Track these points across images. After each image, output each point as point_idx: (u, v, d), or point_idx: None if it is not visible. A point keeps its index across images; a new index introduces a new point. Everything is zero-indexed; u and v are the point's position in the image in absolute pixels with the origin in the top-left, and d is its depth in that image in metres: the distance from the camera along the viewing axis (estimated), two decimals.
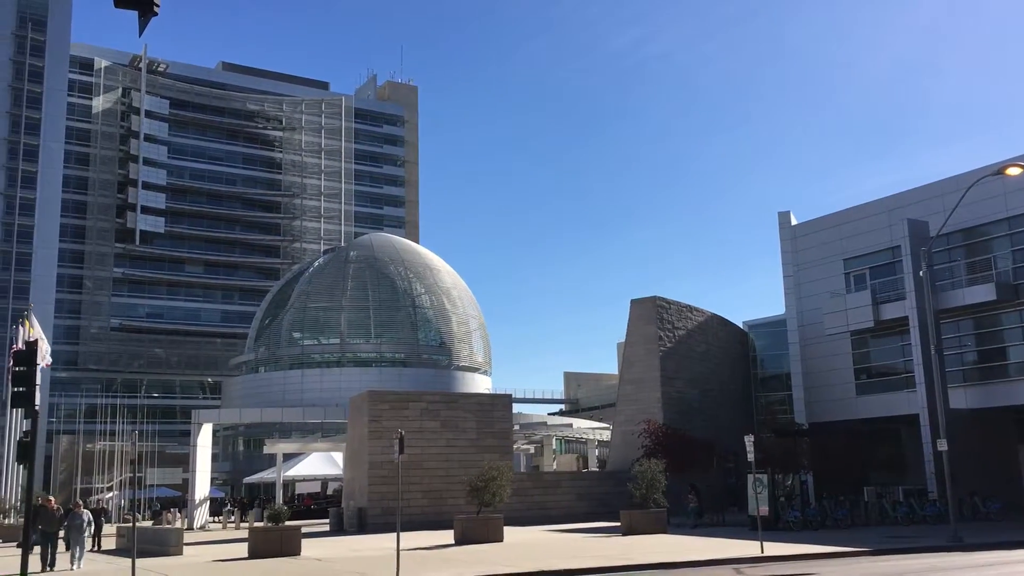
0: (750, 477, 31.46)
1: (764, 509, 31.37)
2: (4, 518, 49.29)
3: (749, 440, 26.96)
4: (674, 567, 22.57)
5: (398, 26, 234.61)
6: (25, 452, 20.79)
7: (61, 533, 26.69)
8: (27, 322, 37.59)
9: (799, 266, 53.24)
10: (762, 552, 24.43)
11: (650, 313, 49.38)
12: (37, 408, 21.27)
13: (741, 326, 62.04)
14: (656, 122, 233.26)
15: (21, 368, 20.52)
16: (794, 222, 54.80)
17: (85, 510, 26.60)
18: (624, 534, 32.99)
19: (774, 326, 59.30)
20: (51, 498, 26.96)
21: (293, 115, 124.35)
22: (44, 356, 32.68)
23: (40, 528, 25.15)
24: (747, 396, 59.59)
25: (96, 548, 32.95)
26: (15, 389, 20.70)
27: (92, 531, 26.81)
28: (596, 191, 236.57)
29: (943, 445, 31.11)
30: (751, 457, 26.89)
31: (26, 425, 21.56)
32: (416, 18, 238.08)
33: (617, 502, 38.93)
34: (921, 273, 35.38)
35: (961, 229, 43.71)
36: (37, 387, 20.82)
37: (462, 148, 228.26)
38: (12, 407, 25.03)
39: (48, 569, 24.75)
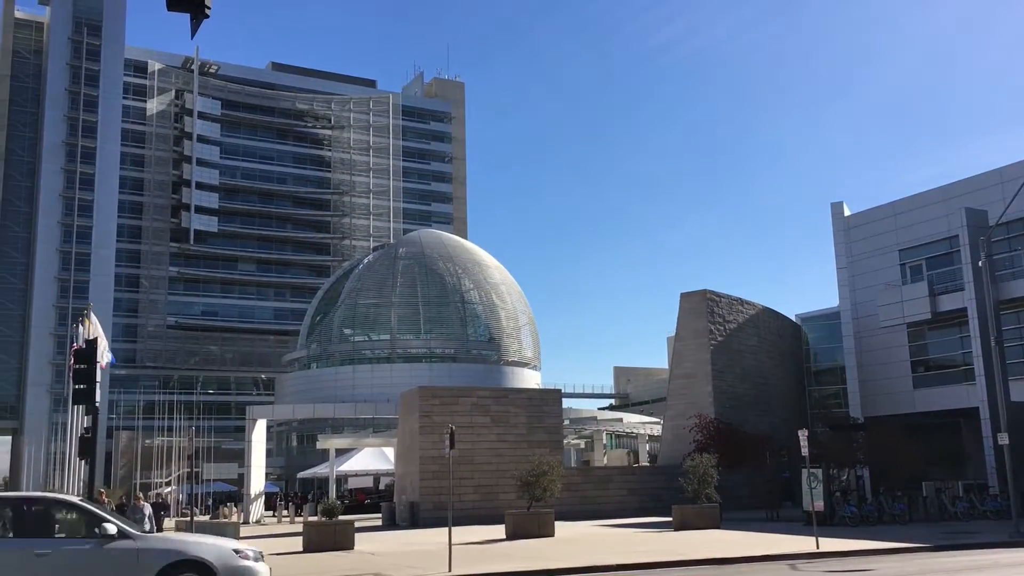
0: (804, 472, 31.02)
1: (819, 504, 30.90)
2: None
3: (803, 434, 26.55)
4: (727, 563, 22.36)
5: (445, 23, 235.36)
6: (86, 448, 21.30)
7: None
8: (87, 321, 38.54)
9: (853, 257, 52.33)
10: (817, 548, 24.08)
11: (700, 307, 48.92)
12: (97, 405, 21.79)
13: (793, 319, 61.19)
14: (705, 113, 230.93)
15: (82, 366, 21.03)
16: (847, 213, 53.87)
17: (145, 503, 26.25)
18: (676, 529, 32.77)
19: (827, 319, 58.40)
20: (102, 491, 26.51)
21: (342, 113, 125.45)
22: (103, 354, 33.35)
23: None
24: (800, 390, 58.79)
25: None
26: (76, 386, 21.23)
27: (152, 525, 26.05)
28: (645, 184, 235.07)
29: (1004, 439, 30.36)
30: (805, 452, 26.48)
31: (87, 421, 21.99)
32: (462, 14, 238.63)
33: (668, 497, 38.66)
34: (980, 263, 34.56)
35: (1021, 218, 42.57)
36: (97, 384, 21.30)
37: (509, 143, 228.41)
38: (73, 404, 25.73)
39: None
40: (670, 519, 34.40)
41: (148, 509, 25.55)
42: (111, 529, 13.01)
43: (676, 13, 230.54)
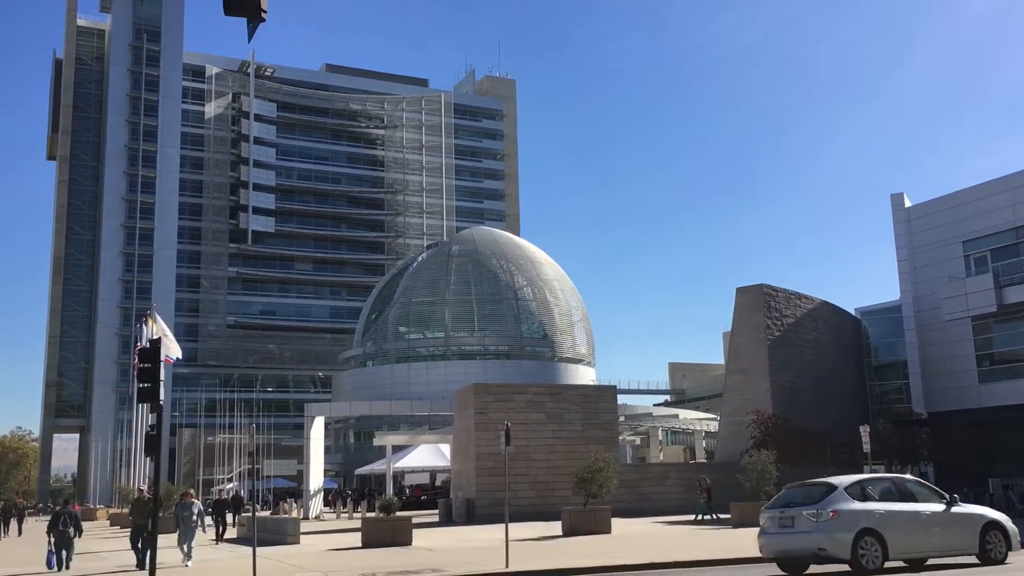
0: (867, 468, 30.45)
1: None
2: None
3: (864, 431, 26.13)
4: None
5: (495, 20, 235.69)
6: (152, 445, 21.70)
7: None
8: (150, 320, 39.44)
9: (914, 249, 51.18)
10: None
11: (757, 301, 48.23)
12: (161, 403, 22.22)
13: (853, 313, 60.06)
14: (760, 105, 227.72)
15: (146, 365, 21.43)
16: (908, 204, 52.68)
17: (195, 500, 25.16)
18: (735, 526, 32.37)
19: (888, 312, 57.20)
20: (143, 488, 25.90)
21: (394, 113, 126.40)
22: (168, 353, 34.00)
23: (132, 520, 24.29)
24: (860, 386, 57.68)
25: (220, 538, 33.04)
26: (141, 385, 21.65)
27: (203, 522, 24.40)
28: (699, 178, 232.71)
29: None
30: (867, 448, 26.06)
31: (152, 419, 22.44)
32: (513, 12, 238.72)
33: (727, 494, 38.22)
34: None
35: None
36: (161, 383, 21.72)
37: (561, 139, 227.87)
38: (138, 402, 26.30)
39: (139, 568, 22.73)
40: (729, 516, 34.02)
41: (198, 506, 24.63)
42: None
43: (727, 4, 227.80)
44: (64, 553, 23.41)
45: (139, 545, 23.14)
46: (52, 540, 23.23)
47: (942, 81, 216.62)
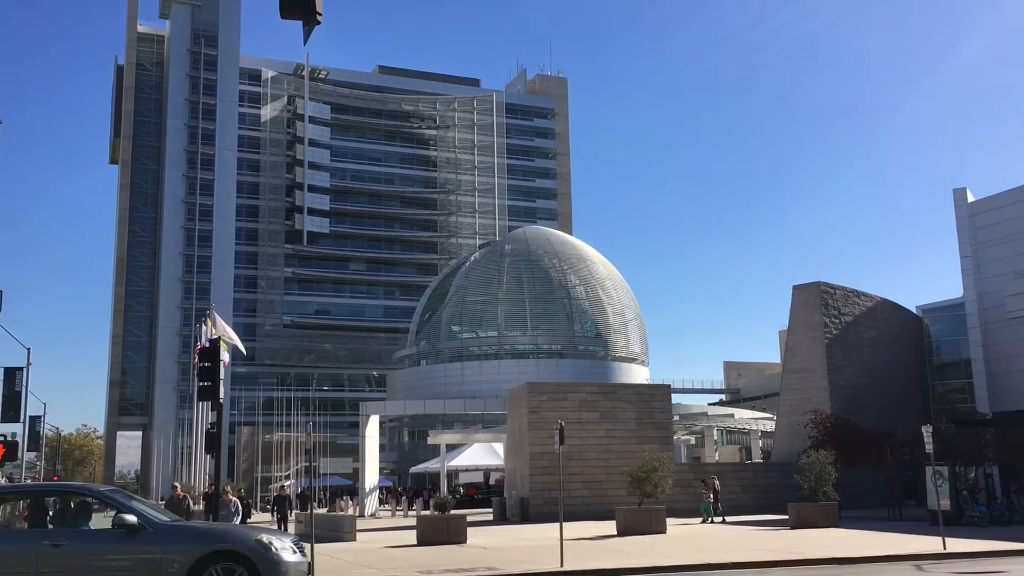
0: (929, 469, 29.78)
1: (945, 503, 29.59)
2: (194, 504, 52.76)
3: (927, 431, 25.48)
4: (849, 562, 21.66)
5: (547, 19, 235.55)
6: (212, 442, 22.20)
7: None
8: (210, 320, 40.17)
9: (978, 245, 49.93)
10: (944, 548, 23.07)
11: (814, 299, 47.52)
12: (221, 401, 22.68)
13: (914, 311, 58.82)
14: (813, 102, 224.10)
15: (206, 364, 21.92)
16: (971, 199, 51.41)
17: (234, 498, 24.60)
18: (792, 527, 31.94)
19: (950, 310, 55.90)
20: (176, 485, 24.77)
21: (446, 113, 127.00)
22: (231, 350, 34.46)
23: None
24: (922, 385, 56.44)
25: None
26: (201, 384, 22.15)
27: (240, 521, 23.90)
28: (753, 175, 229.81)
29: None
30: (929, 448, 25.41)
31: (212, 417, 22.91)
32: (564, 10, 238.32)
33: (783, 494, 37.72)
34: None
35: None
36: (221, 382, 22.17)
37: (613, 137, 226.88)
38: (199, 400, 26.78)
39: None
40: (786, 517, 33.57)
41: (236, 504, 24.23)
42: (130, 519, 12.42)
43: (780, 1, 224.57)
44: None
45: None
46: None
47: (1002, 71, 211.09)
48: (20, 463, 47.01)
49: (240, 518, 23.99)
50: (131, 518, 12.44)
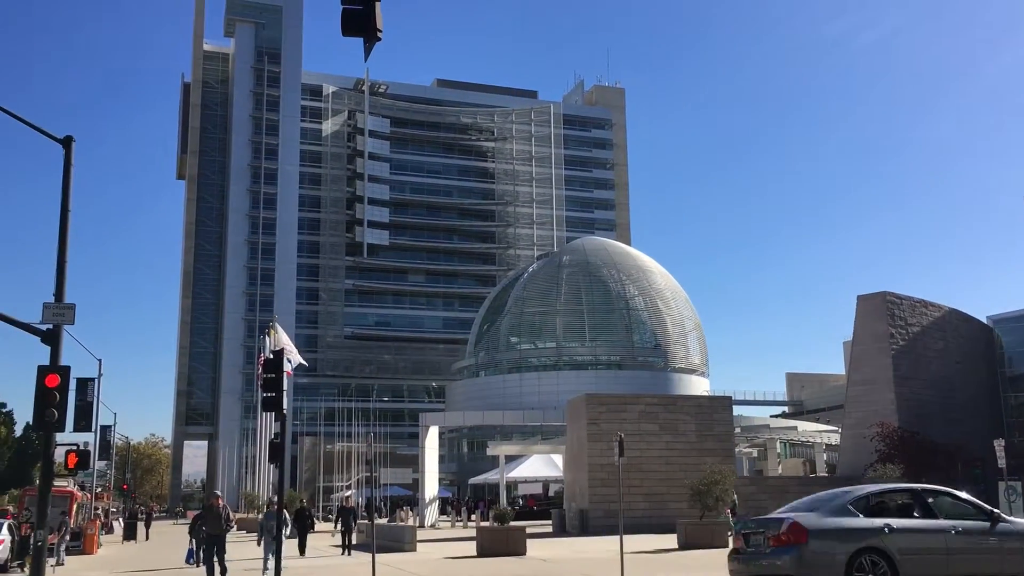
0: (1001, 484, 28.93)
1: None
2: (259, 513, 53.68)
3: (999, 444, 24.83)
4: None
5: (604, 30, 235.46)
6: (276, 452, 22.52)
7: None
8: (273, 332, 40.88)
9: None
10: None
11: (880, 310, 46.52)
12: (284, 412, 23.01)
13: (984, 321, 57.19)
14: (878, 111, 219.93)
15: (270, 375, 22.23)
16: None
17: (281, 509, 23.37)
18: None
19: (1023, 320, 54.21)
20: (218, 494, 23.48)
21: (504, 125, 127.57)
22: (289, 363, 34.96)
23: (203, 530, 22.53)
24: (994, 397, 54.84)
25: (347, 546, 31.44)
26: (265, 395, 22.49)
27: (288, 532, 23.09)
28: (816, 183, 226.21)
29: None
30: (1002, 463, 24.74)
31: (276, 428, 23.26)
32: (623, 19, 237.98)
33: None
34: None
35: None
36: (284, 393, 22.50)
37: (671, 147, 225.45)
38: (263, 411, 27.23)
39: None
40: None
41: (284, 515, 22.52)
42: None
43: (847, 6, 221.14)
44: (202, 552, 24.63)
45: (213, 558, 21.10)
46: (193, 540, 24.34)
47: None
48: (91, 472, 48.28)
49: (289, 529, 23.43)
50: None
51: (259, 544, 23.51)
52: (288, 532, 23.94)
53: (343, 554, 30.65)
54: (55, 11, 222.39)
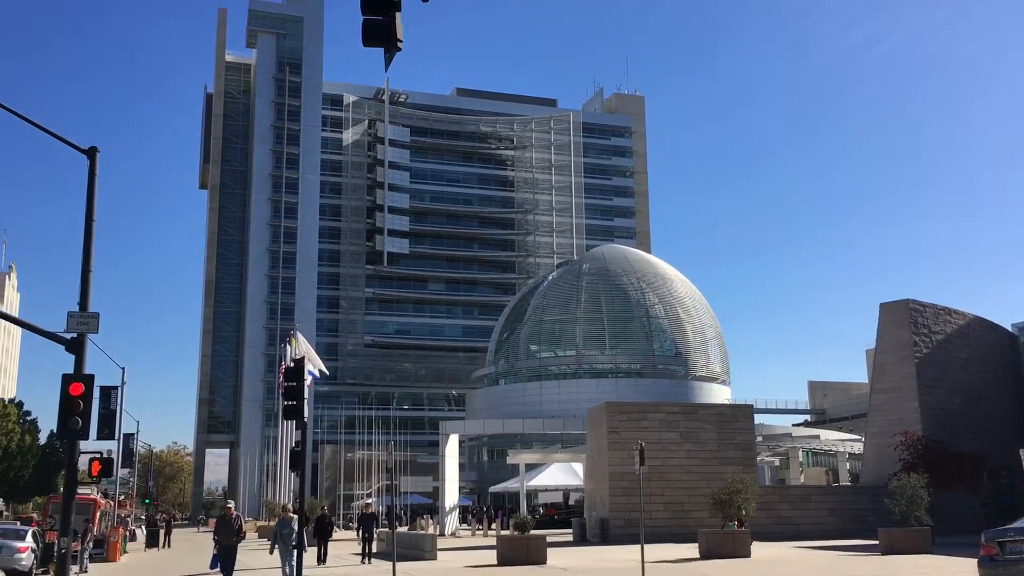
0: None
1: None
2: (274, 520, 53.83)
3: None
4: None
5: (623, 38, 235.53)
6: (297, 461, 22.63)
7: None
8: (294, 340, 41.07)
9: None
10: None
11: (903, 317, 46.08)
12: (306, 420, 23.12)
13: (1010, 329, 56.57)
14: (899, 118, 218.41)
15: (291, 383, 22.40)
16: None
17: (295, 516, 22.83)
18: (883, 553, 30.90)
19: None
20: (231, 504, 23.59)
21: (523, 134, 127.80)
22: (312, 370, 35.11)
23: (217, 540, 22.33)
24: (1019, 405, 54.13)
25: (367, 554, 31.04)
26: (286, 403, 22.62)
27: (320, 538, 23.12)
28: (838, 189, 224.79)
29: None
30: None
31: (297, 436, 23.33)
32: (641, 28, 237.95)
33: (873, 519, 36.57)
34: None
35: None
36: (305, 401, 22.61)
37: (691, 154, 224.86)
38: (284, 419, 27.37)
39: None
40: (875, 542, 32.50)
41: (297, 523, 22.30)
42: None
43: (870, 11, 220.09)
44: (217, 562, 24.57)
45: (227, 568, 21.67)
46: (217, 546, 24.52)
47: None
48: (115, 480, 48.64)
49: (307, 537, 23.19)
50: None
51: (271, 552, 23.14)
52: (307, 540, 23.74)
53: (363, 562, 30.42)
54: (81, 25, 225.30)
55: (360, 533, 32.33)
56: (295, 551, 21.44)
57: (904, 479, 33.48)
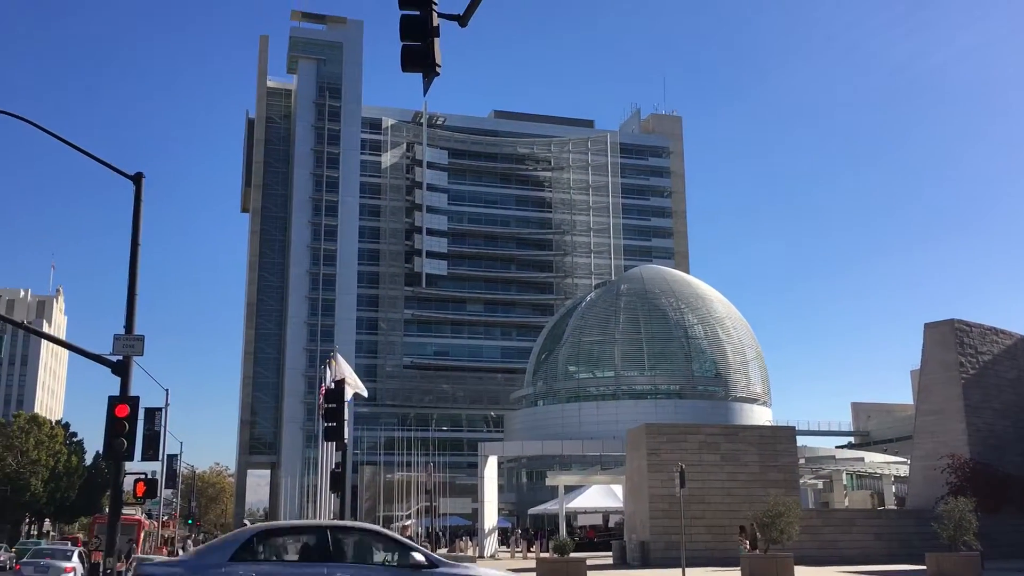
0: None
1: None
2: None
3: None
4: None
5: (660, 59, 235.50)
6: (337, 482, 22.79)
7: None
8: (334, 362, 41.33)
9: None
10: None
11: (948, 338, 45.30)
12: (346, 441, 23.31)
13: None
14: (941, 134, 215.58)
15: (332, 405, 22.61)
16: None
17: None
18: None
19: None
20: (246, 523, 22.97)
21: (560, 155, 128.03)
22: (353, 392, 35.31)
23: None
24: None
25: None
26: (327, 424, 22.85)
27: None
28: (881, 207, 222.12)
29: None
30: None
31: (338, 457, 23.51)
32: (678, 49, 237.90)
33: (920, 543, 35.85)
34: None
35: None
36: (346, 422, 22.81)
37: (730, 174, 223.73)
38: (325, 440, 27.59)
39: None
40: (923, 567, 31.86)
41: None
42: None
43: (915, 26, 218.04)
44: None
45: None
46: None
47: None
48: (159, 500, 49.24)
49: None
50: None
51: None
52: None
53: None
54: (127, 55, 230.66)
55: None
56: None
57: (952, 503, 32.84)
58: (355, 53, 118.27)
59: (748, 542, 36.02)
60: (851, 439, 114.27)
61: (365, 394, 46.54)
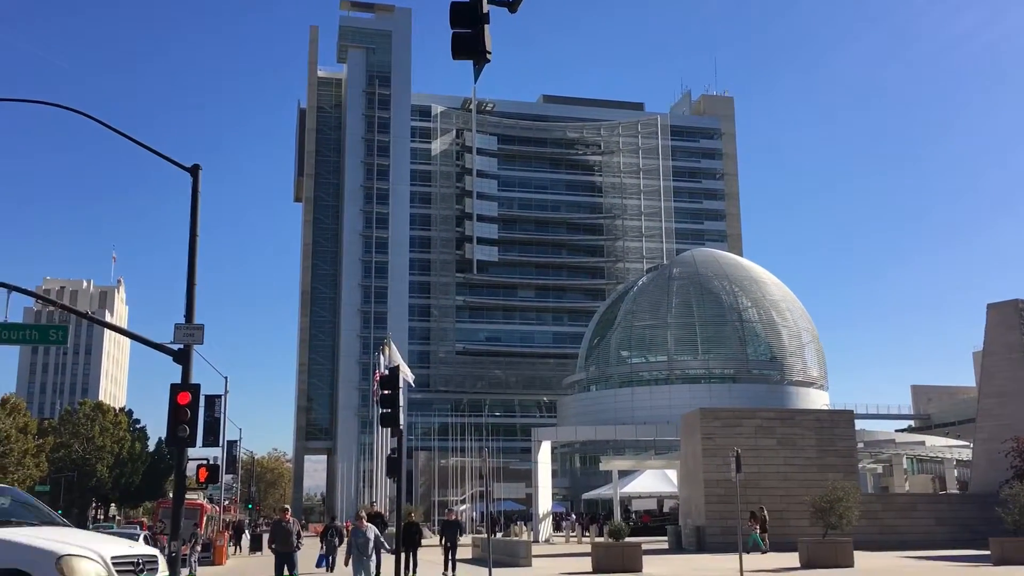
0: None
1: None
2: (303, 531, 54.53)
3: None
4: None
5: (710, 39, 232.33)
6: (393, 467, 23.06)
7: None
8: (387, 349, 41.81)
9: None
10: None
11: (1012, 318, 44.18)
12: (401, 427, 23.55)
13: None
14: (1003, 110, 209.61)
15: (387, 391, 22.84)
16: None
17: (370, 524, 20.83)
18: (995, 564, 29.63)
19: None
20: (286, 508, 22.05)
21: (610, 139, 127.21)
22: (407, 376, 35.66)
23: (273, 548, 20.94)
24: None
25: (451, 562, 27.23)
26: (382, 410, 23.09)
27: (378, 553, 20.53)
28: (941, 185, 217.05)
29: None
30: None
31: (393, 443, 23.77)
32: (728, 28, 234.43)
33: (984, 528, 35.12)
34: None
35: None
36: (401, 408, 23.04)
37: (783, 154, 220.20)
38: (381, 426, 27.89)
39: None
40: (986, 552, 31.20)
41: (374, 532, 20.35)
42: None
43: (968, 3, 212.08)
44: (331, 558, 28.01)
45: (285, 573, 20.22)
46: (323, 547, 26.15)
47: None
48: (220, 486, 50.25)
49: (377, 549, 20.86)
50: None
51: (347, 564, 20.53)
52: (394, 547, 22.71)
53: (445, 571, 27.09)
54: (180, 48, 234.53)
55: (443, 542, 28.55)
56: (370, 562, 19.95)
57: (1016, 487, 32.15)
58: (404, 41, 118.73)
59: (758, 527, 35.75)
60: (911, 423, 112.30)
61: (412, 381, 47.04)
